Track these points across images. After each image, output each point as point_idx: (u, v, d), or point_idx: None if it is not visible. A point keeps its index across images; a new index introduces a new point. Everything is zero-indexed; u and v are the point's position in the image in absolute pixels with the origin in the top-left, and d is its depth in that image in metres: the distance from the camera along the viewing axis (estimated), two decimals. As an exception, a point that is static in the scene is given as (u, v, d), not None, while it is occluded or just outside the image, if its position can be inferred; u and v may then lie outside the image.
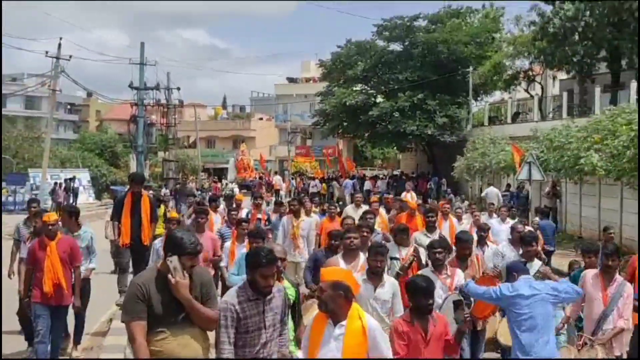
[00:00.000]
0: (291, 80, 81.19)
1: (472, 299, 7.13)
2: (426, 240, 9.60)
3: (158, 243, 10.02)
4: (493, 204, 19.05)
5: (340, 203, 26.82)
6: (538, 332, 6.15)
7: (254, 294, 4.90)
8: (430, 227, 11.15)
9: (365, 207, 15.00)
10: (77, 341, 9.85)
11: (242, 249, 9.11)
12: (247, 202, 17.87)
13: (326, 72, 53.46)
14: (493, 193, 27.13)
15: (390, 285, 6.83)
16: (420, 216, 13.56)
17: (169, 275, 4.61)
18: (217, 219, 14.03)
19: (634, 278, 8.13)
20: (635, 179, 17.68)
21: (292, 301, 6.16)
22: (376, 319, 6.38)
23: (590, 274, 7.49)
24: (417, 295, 5.31)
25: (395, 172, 53.68)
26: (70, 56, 34.90)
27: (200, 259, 9.44)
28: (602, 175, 19.53)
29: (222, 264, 9.98)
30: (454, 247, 9.49)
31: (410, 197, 22.52)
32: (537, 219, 16.97)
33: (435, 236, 10.37)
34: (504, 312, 7.55)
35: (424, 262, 8.89)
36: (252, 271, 4.96)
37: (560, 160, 22.30)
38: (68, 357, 9.61)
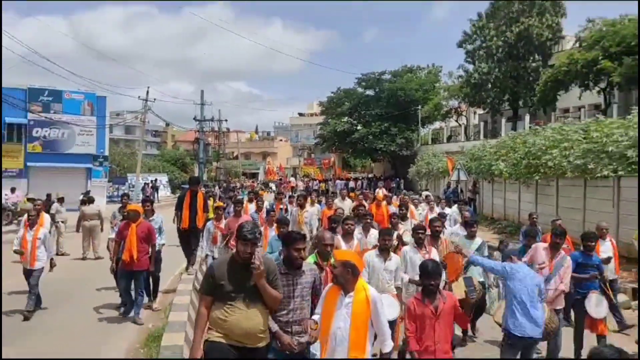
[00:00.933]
0: (301, 114, 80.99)
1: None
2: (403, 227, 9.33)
3: (209, 224, 9.92)
4: (439, 197, 18.07)
5: (334, 196, 26.83)
6: (528, 299, 5.54)
7: (285, 269, 4.39)
8: (403, 217, 10.40)
9: (348, 200, 14.65)
10: (155, 295, 9.40)
11: (272, 233, 8.49)
12: (268, 196, 17.81)
13: (324, 109, 53.31)
14: (429, 193, 26.59)
15: (395, 259, 6.46)
16: (385, 205, 13.17)
17: (253, 265, 4.03)
18: (251, 207, 13.42)
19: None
20: (529, 179, 17.66)
21: None
22: (386, 283, 6.29)
23: (541, 247, 6.86)
24: (424, 277, 4.70)
25: (369, 175, 53.43)
26: (155, 99, 35.13)
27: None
28: (506, 177, 19.49)
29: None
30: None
31: (381, 192, 22.25)
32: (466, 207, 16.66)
33: (408, 225, 9.91)
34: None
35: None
36: (288, 247, 4.46)
37: (478, 167, 22.27)
38: (151, 309, 8.96)
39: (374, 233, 7.86)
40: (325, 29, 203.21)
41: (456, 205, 14.50)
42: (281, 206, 14.00)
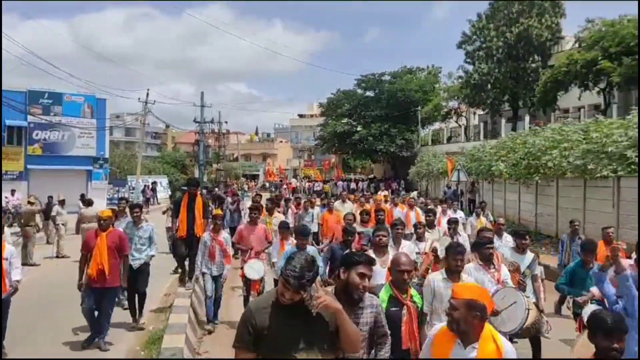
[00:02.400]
0: (301, 116, 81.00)
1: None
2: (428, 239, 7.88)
3: (206, 236, 8.30)
4: (440, 200, 16.94)
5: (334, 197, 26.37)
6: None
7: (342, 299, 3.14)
8: (430, 225, 9.04)
9: (349, 203, 14.12)
10: (140, 313, 8.08)
11: (288, 246, 7.42)
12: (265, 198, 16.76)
13: (324, 110, 53.37)
14: (416, 194, 25.51)
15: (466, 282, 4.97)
16: (390, 207, 12.78)
17: (311, 304, 2.82)
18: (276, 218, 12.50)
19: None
20: (529, 180, 17.66)
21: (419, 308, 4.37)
22: None
23: (626, 264, 5.28)
24: (604, 335, 3.04)
25: (370, 177, 53.47)
26: (155, 101, 35.09)
27: (254, 251, 8.12)
28: (506, 178, 19.49)
29: (273, 259, 7.85)
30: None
31: (383, 194, 21.93)
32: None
33: (435, 234, 8.64)
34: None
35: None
36: (347, 271, 3.34)
37: (478, 168, 22.27)
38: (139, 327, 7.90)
39: (406, 245, 6.84)
40: (326, 30, 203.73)
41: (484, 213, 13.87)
42: (278, 209, 13.23)
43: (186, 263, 9.38)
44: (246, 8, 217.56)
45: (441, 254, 5.99)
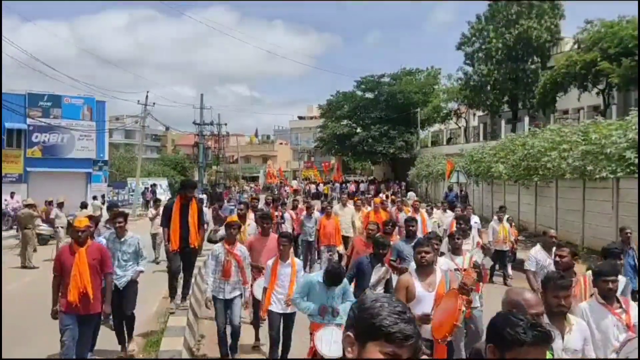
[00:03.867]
0: (300, 118, 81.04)
1: None
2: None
3: (219, 248, 6.72)
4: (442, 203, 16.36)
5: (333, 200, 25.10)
6: None
7: None
8: (464, 234, 7.65)
9: (350, 207, 12.84)
10: (130, 338, 7.02)
11: (287, 268, 6.16)
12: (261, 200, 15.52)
13: (323, 112, 53.42)
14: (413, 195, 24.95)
15: (579, 329, 3.46)
16: (384, 211, 11.98)
17: None
18: (252, 216, 10.70)
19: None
20: (529, 181, 17.68)
21: None
22: None
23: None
24: None
25: (370, 178, 53.48)
26: (154, 103, 34.93)
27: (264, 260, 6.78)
28: (505, 179, 19.51)
29: (263, 284, 6.32)
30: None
31: (384, 197, 20.98)
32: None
33: (469, 245, 7.54)
34: None
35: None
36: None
37: (478, 169, 22.29)
38: (128, 356, 6.88)
39: (442, 262, 5.76)
40: (327, 32, 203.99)
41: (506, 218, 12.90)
42: (276, 213, 11.95)
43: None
44: (247, 10, 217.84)
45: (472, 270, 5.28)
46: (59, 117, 28.73)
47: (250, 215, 10.06)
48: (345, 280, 5.46)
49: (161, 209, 12.53)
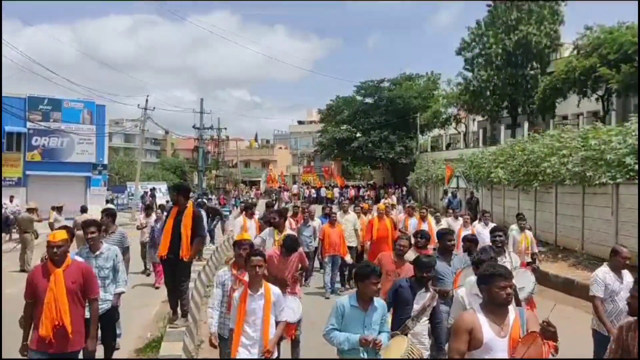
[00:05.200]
0: (300, 122, 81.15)
1: None
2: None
3: (223, 275, 5.44)
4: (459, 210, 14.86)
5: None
6: None
7: None
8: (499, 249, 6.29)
9: (351, 213, 11.82)
10: None
11: (259, 301, 4.65)
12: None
13: (323, 117, 53.61)
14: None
15: None
16: (388, 218, 11.10)
17: None
18: (251, 225, 10.42)
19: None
20: (528, 186, 17.67)
21: None
22: None
23: None
24: None
25: (369, 183, 53.52)
26: (154, 107, 35.20)
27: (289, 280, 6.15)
28: (505, 184, 19.51)
29: (230, 324, 4.82)
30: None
31: (389, 200, 20.53)
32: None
33: (507, 261, 6.19)
34: None
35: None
36: None
37: (477, 174, 22.29)
38: None
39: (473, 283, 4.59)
40: (329, 37, 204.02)
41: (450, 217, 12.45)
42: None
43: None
44: (249, 15, 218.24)
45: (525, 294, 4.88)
46: (59, 120, 28.79)
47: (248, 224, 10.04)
48: (383, 305, 4.56)
49: (152, 218, 12.34)
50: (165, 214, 8.48)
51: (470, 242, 6.69)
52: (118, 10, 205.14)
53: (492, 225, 10.45)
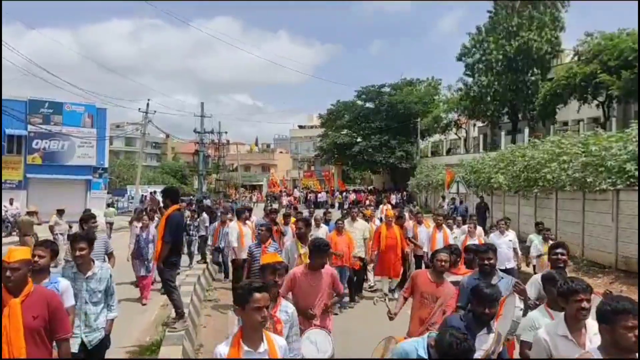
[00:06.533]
0: (301, 126, 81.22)
1: None
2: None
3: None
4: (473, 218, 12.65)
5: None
6: None
7: None
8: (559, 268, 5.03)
9: (360, 221, 10.64)
10: None
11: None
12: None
13: (324, 121, 53.64)
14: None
15: None
16: (397, 227, 10.39)
17: None
18: (247, 231, 9.90)
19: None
20: (528, 192, 17.67)
21: None
22: None
23: None
24: None
25: (369, 188, 53.47)
26: (155, 111, 35.21)
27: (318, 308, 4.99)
28: (505, 190, 19.51)
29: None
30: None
31: (386, 208, 18.54)
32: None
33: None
34: None
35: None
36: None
37: (478, 180, 22.29)
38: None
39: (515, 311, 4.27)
40: (331, 42, 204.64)
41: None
42: (275, 228, 10.12)
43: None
44: (253, 20, 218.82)
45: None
46: (60, 123, 28.80)
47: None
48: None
49: (138, 225, 10.85)
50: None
51: (474, 252, 5.74)
52: (121, 14, 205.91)
53: (509, 234, 9.81)
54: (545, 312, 3.97)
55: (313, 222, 9.90)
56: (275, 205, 23.90)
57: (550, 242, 8.89)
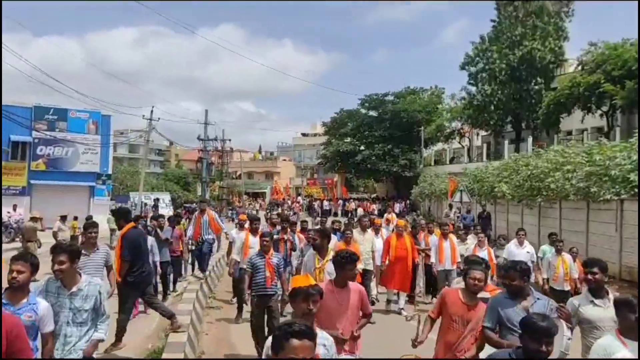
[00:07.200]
0: (304, 134, 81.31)
1: None
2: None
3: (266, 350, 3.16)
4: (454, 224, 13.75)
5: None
6: None
7: None
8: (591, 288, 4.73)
9: (370, 232, 10.16)
10: None
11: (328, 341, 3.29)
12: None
13: (327, 129, 53.77)
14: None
15: None
16: (408, 236, 10.18)
17: None
18: (254, 243, 8.81)
19: None
20: (532, 201, 17.64)
21: None
22: None
23: None
24: None
25: (372, 196, 53.41)
26: (159, 118, 35.35)
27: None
28: (509, 199, 19.48)
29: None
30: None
31: (391, 216, 19.31)
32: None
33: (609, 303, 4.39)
34: None
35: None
36: None
37: (481, 189, 22.27)
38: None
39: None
40: (335, 51, 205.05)
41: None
42: (285, 236, 9.89)
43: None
44: (257, 28, 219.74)
45: None
46: (65, 130, 28.91)
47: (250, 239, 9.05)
48: None
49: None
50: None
51: (471, 263, 5.03)
52: (126, 22, 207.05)
53: (527, 245, 9.44)
54: (617, 340, 3.49)
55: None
56: (276, 212, 23.77)
57: (564, 254, 9.10)
